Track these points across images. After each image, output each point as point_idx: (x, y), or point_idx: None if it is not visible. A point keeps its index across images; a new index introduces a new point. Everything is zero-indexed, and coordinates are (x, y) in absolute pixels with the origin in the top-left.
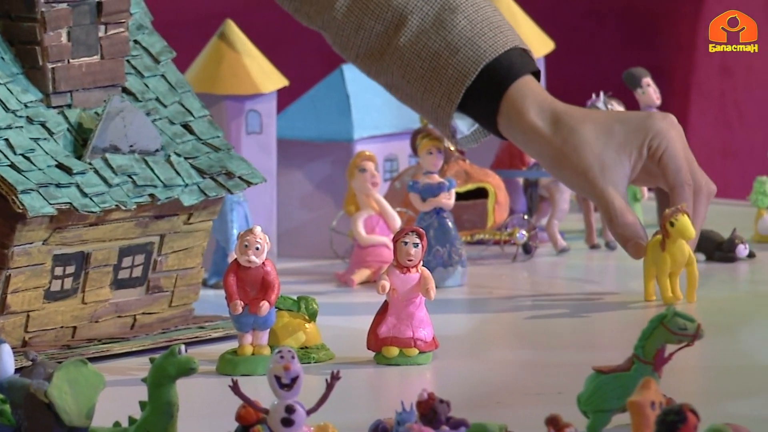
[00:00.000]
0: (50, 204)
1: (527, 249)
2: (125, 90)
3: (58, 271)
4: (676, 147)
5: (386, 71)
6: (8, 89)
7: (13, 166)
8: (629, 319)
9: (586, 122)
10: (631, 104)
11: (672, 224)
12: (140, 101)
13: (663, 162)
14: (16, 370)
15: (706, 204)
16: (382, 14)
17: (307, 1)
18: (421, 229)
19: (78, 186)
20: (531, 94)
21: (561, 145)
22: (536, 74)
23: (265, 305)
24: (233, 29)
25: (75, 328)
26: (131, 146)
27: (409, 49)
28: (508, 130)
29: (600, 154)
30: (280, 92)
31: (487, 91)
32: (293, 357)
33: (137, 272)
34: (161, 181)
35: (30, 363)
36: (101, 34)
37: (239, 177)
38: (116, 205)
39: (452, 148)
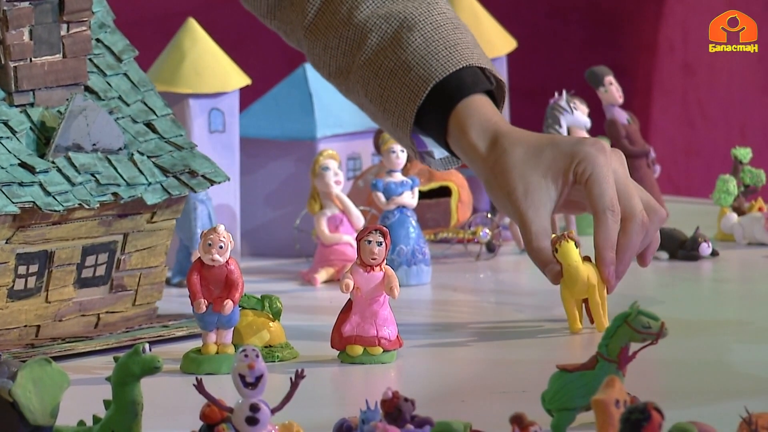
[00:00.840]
0: (13, 203)
1: (490, 247)
2: (88, 89)
3: (22, 269)
4: (602, 172)
5: (352, 90)
6: None
7: None
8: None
9: (520, 145)
10: (594, 103)
11: (556, 250)
12: (103, 100)
13: (587, 187)
14: None
15: (639, 232)
16: (345, 32)
17: (285, 19)
18: (384, 228)
19: (41, 185)
20: (475, 114)
21: (492, 165)
22: (491, 92)
23: (228, 304)
24: (195, 27)
25: (39, 326)
26: (94, 145)
27: (368, 67)
28: (455, 149)
29: (525, 176)
30: (243, 91)
31: (437, 110)
32: (257, 356)
33: (101, 271)
34: (124, 180)
35: None
36: (63, 32)
37: (202, 175)
38: (79, 204)
39: None
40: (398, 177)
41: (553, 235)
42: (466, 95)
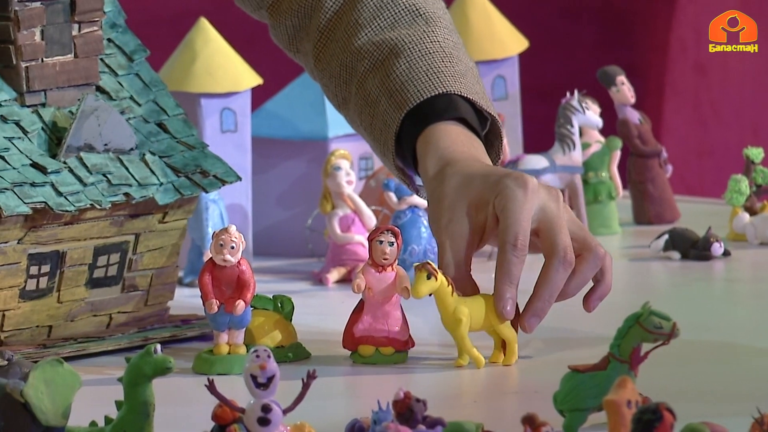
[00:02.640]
0: (25, 203)
1: None
2: (99, 89)
3: (34, 270)
4: (514, 207)
5: (353, 120)
6: None
7: None
8: (603, 318)
9: (456, 175)
10: (606, 102)
11: None
12: (114, 100)
13: (499, 221)
14: None
15: (560, 270)
16: (344, 60)
17: (302, 50)
18: (396, 228)
19: (53, 185)
20: (436, 141)
21: (431, 193)
22: (464, 119)
23: (240, 304)
24: (207, 27)
25: (51, 327)
26: (106, 145)
27: (359, 95)
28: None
29: (452, 206)
30: (255, 90)
31: (408, 138)
32: (269, 356)
33: (112, 271)
34: (136, 180)
35: (6, 363)
36: (75, 32)
37: (214, 175)
38: (91, 204)
39: None
40: None
41: (416, 264)
42: (433, 122)
